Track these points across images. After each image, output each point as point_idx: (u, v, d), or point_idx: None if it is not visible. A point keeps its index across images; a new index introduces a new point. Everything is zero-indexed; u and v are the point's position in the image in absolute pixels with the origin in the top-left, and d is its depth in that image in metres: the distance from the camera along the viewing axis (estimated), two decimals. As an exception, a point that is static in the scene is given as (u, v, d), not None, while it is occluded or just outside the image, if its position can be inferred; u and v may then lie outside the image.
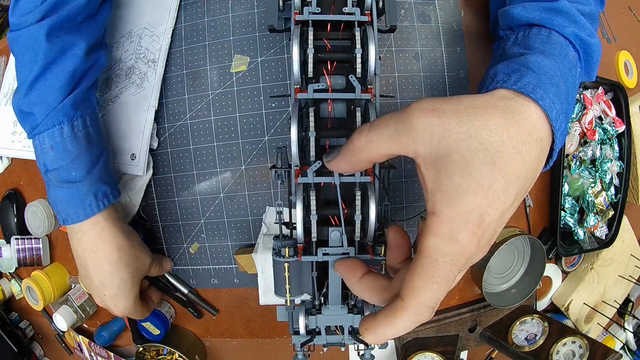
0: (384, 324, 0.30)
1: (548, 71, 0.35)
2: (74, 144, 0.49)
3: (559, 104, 0.33)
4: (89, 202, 0.50)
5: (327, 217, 0.40)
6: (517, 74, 0.35)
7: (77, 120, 0.50)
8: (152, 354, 0.69)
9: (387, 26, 0.45)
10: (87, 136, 0.51)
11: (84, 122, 0.50)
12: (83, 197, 0.50)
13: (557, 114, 0.33)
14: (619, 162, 0.74)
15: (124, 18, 0.62)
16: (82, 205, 0.50)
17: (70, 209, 0.50)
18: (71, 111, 0.49)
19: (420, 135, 0.30)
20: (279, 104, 0.60)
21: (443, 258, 0.28)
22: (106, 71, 0.61)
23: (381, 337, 0.31)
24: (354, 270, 0.35)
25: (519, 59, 0.37)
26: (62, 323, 0.69)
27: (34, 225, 0.68)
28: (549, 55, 0.38)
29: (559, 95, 0.34)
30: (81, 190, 0.50)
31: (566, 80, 0.37)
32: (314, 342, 0.45)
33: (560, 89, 0.35)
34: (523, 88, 0.33)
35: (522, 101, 0.32)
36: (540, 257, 0.68)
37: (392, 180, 0.61)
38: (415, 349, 0.66)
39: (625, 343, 0.89)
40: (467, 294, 0.70)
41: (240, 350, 0.70)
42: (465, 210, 0.28)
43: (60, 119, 0.48)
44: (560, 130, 0.33)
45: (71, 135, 0.49)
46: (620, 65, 0.78)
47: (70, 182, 0.50)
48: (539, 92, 0.32)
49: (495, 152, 0.28)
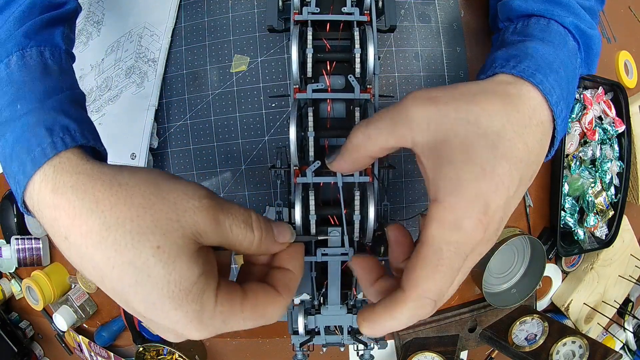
0: (382, 316, 0.29)
1: (547, 57, 0.35)
2: (23, 72, 0.34)
3: (559, 89, 0.32)
4: (38, 141, 0.29)
5: (326, 217, 0.40)
6: (516, 59, 0.34)
7: (31, 49, 0.35)
8: (152, 354, 0.69)
9: (387, 26, 0.45)
10: (43, 66, 0.35)
11: (40, 53, 0.36)
12: (30, 134, 0.30)
13: (557, 99, 0.32)
14: (619, 162, 0.74)
15: (124, 18, 0.62)
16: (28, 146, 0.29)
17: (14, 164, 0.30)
18: (23, 40, 0.35)
19: (417, 124, 0.29)
20: (278, 104, 0.60)
21: (447, 247, 0.27)
22: (106, 71, 0.61)
23: (379, 329, 0.29)
24: (369, 272, 0.33)
25: (518, 45, 0.37)
26: (62, 323, 0.69)
27: (34, 225, 0.68)
28: (548, 43, 0.37)
29: (559, 81, 0.33)
30: (28, 124, 0.31)
31: (566, 68, 0.36)
32: (313, 342, 0.45)
33: (560, 75, 0.34)
34: (522, 72, 0.32)
35: (520, 85, 0.31)
36: (540, 257, 0.68)
37: (392, 180, 0.61)
38: (415, 349, 0.66)
39: (625, 343, 0.89)
40: (467, 294, 0.70)
41: (240, 351, 0.70)
42: (469, 196, 0.27)
43: (8, 51, 0.34)
44: (561, 117, 0.32)
45: (20, 64, 0.34)
46: (620, 65, 0.78)
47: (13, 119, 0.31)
48: (538, 76, 0.32)
49: (496, 136, 0.28)
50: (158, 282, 0.25)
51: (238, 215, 0.29)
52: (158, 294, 0.26)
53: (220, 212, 0.28)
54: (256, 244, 0.30)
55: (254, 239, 0.30)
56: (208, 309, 0.27)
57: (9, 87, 0.33)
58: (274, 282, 0.31)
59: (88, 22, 0.63)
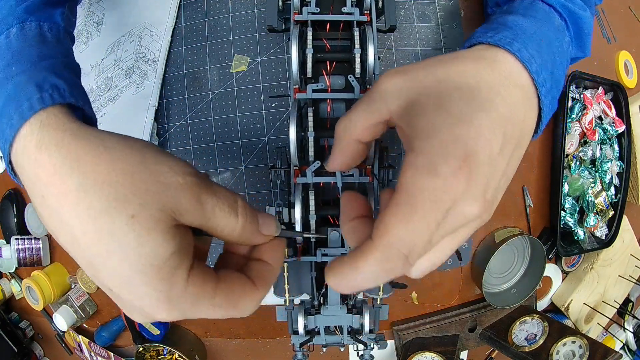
0: (348, 266, 0.26)
1: (527, 30, 0.33)
2: (20, 41, 0.34)
3: (540, 60, 0.31)
4: (27, 96, 0.30)
5: (326, 217, 0.40)
6: (494, 31, 0.33)
7: (30, 23, 0.36)
8: (152, 354, 0.69)
9: (387, 26, 0.45)
10: (40, 37, 0.36)
11: (39, 26, 0.36)
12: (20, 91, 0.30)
13: (537, 69, 0.30)
14: (619, 162, 0.74)
15: (124, 18, 0.62)
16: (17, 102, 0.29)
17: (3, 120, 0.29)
18: (23, 14, 0.36)
19: (389, 94, 0.28)
20: (278, 104, 0.60)
21: (421, 193, 0.24)
22: (106, 71, 0.61)
23: (344, 282, 0.26)
24: (350, 208, 0.30)
25: (497, 19, 0.36)
26: (62, 323, 0.69)
27: (34, 225, 0.68)
28: (529, 17, 0.36)
29: (540, 52, 0.31)
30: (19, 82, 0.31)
31: (550, 43, 0.34)
32: (313, 342, 0.45)
33: (542, 48, 0.32)
34: (499, 41, 0.31)
35: (496, 51, 0.30)
36: (540, 257, 0.68)
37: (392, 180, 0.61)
38: (415, 349, 0.66)
39: (625, 343, 0.89)
40: (467, 294, 0.70)
41: (240, 350, 0.70)
42: (444, 140, 0.25)
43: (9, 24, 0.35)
44: (545, 87, 0.31)
45: (18, 35, 0.35)
46: (620, 65, 0.78)
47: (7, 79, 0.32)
48: (515, 44, 0.30)
49: (470, 91, 0.26)
50: (129, 253, 0.24)
51: (223, 198, 0.28)
52: (128, 267, 0.24)
53: (204, 192, 0.27)
54: (238, 231, 0.29)
55: (236, 226, 0.28)
56: (178, 287, 0.25)
57: (6, 53, 0.33)
58: (252, 274, 0.30)
59: (88, 22, 0.63)
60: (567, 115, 0.67)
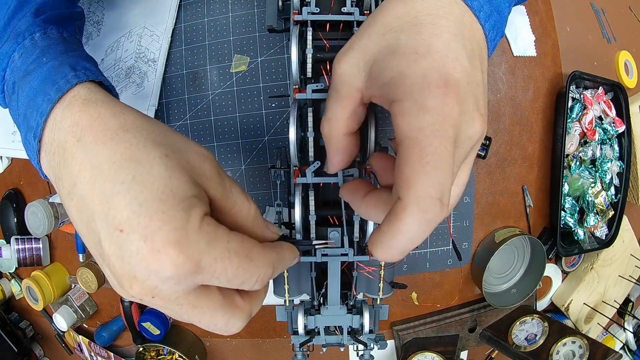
0: (389, 234, 0.25)
1: None
2: (46, 41, 0.38)
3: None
4: (63, 74, 0.33)
5: (326, 218, 0.40)
6: None
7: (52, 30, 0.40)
8: (152, 354, 0.69)
9: (387, 26, 0.45)
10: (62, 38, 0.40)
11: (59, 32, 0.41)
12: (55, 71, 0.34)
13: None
14: (619, 162, 0.74)
15: (124, 18, 0.62)
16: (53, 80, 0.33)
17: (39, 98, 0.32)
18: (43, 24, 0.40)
19: (348, 74, 0.29)
20: (278, 104, 0.60)
21: (422, 133, 0.24)
22: (106, 71, 0.61)
23: (390, 249, 0.26)
24: (357, 191, 0.31)
25: None
26: (62, 323, 0.69)
27: (34, 225, 0.68)
28: None
29: None
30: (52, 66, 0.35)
31: None
32: (313, 342, 0.45)
33: None
34: None
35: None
36: (540, 257, 0.68)
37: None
38: (415, 349, 0.66)
39: (625, 343, 0.89)
40: (467, 294, 0.70)
41: (240, 350, 0.70)
42: (417, 77, 0.25)
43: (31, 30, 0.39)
44: (483, 10, 0.30)
45: (43, 37, 0.39)
46: (620, 65, 0.78)
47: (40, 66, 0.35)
48: None
49: (413, 25, 0.26)
50: (155, 181, 0.25)
51: (236, 184, 0.31)
52: (150, 193, 0.25)
53: (222, 171, 0.30)
54: (252, 216, 0.31)
55: (251, 209, 0.30)
56: (195, 221, 0.25)
57: (34, 50, 0.37)
58: None
59: (88, 22, 0.63)
60: (567, 115, 0.67)
